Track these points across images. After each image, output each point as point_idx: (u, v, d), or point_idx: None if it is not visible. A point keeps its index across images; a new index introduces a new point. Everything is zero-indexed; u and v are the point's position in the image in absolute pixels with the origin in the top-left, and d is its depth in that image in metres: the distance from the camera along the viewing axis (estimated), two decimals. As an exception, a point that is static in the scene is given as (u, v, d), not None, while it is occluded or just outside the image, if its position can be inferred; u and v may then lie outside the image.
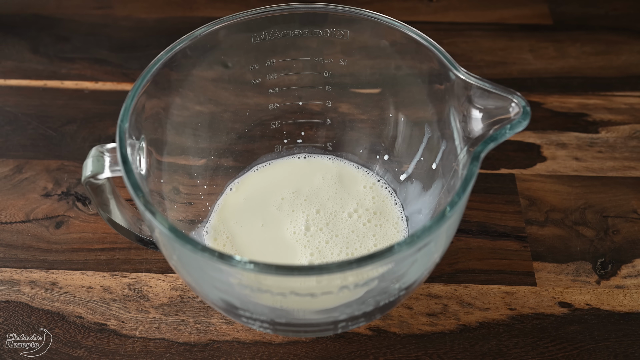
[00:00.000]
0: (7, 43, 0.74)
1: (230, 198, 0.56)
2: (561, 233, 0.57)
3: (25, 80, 0.70)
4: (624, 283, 0.54)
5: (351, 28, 0.51)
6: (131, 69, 0.71)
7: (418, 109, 0.54)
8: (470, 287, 0.54)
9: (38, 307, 0.53)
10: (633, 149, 0.63)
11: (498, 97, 0.43)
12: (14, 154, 0.63)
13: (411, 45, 0.49)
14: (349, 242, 0.53)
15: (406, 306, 0.53)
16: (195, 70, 0.51)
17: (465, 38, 0.75)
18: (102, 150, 0.45)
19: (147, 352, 0.50)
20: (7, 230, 0.58)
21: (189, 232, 0.53)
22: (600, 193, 0.60)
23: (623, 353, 0.50)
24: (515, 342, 0.51)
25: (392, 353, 0.50)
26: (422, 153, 0.54)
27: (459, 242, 0.56)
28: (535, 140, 0.64)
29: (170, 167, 0.52)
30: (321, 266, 0.37)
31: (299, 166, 0.59)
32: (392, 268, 0.41)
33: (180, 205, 0.53)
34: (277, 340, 0.51)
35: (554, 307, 0.53)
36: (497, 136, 0.43)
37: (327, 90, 0.56)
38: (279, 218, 0.54)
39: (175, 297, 0.53)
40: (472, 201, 0.58)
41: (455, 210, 0.40)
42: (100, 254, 0.56)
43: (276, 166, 0.58)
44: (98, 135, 0.65)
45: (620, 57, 0.72)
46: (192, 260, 0.41)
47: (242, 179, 0.57)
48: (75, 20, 0.77)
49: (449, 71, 0.46)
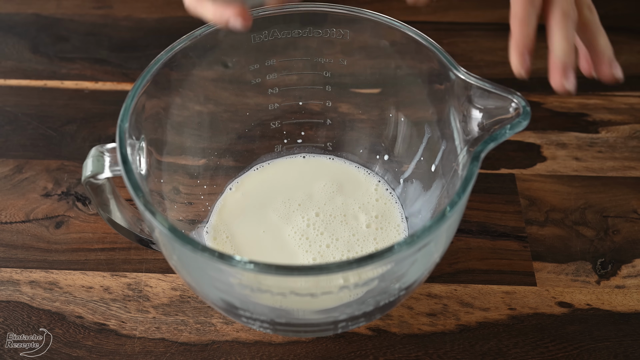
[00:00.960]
0: (7, 43, 0.74)
1: (229, 198, 0.56)
2: (561, 233, 0.57)
3: (25, 80, 0.70)
4: (624, 283, 0.54)
5: (351, 28, 0.51)
6: (131, 69, 0.71)
7: (418, 109, 0.54)
8: (470, 287, 0.54)
9: (38, 307, 0.53)
10: (633, 149, 0.63)
11: (498, 97, 0.43)
12: (14, 154, 0.63)
13: (411, 45, 0.49)
14: (350, 245, 0.52)
15: (406, 306, 0.53)
16: (195, 70, 0.51)
17: (465, 38, 0.75)
18: (102, 150, 0.45)
19: (147, 352, 0.50)
20: (7, 230, 0.58)
21: (189, 232, 0.53)
22: (600, 193, 0.60)
23: (623, 353, 0.50)
24: (515, 342, 0.51)
25: (392, 353, 0.50)
26: (422, 153, 0.54)
27: (459, 242, 0.56)
28: (535, 140, 0.64)
29: (170, 167, 0.52)
30: (321, 266, 0.37)
31: (299, 166, 0.58)
32: (392, 268, 0.41)
33: (180, 205, 0.53)
34: (277, 340, 0.51)
35: (554, 307, 0.53)
36: (497, 136, 0.43)
37: (327, 90, 0.56)
38: (279, 218, 0.54)
39: (175, 297, 0.53)
40: (472, 201, 0.58)
41: (455, 210, 0.40)
42: (100, 254, 0.56)
43: (276, 166, 0.58)
44: (98, 135, 0.65)
45: (620, 57, 0.71)
46: (192, 260, 0.41)
47: (241, 179, 0.57)
48: (75, 20, 0.77)
49: (449, 71, 0.46)
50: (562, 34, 0.39)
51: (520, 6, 0.39)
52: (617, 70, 0.40)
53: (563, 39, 0.38)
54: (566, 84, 0.38)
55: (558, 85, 0.38)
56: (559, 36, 0.38)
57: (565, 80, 0.38)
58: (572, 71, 0.38)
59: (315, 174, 0.57)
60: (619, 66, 0.40)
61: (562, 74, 0.38)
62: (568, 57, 0.38)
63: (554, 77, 0.38)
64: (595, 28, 0.41)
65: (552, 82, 0.38)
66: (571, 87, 0.38)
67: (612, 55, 0.40)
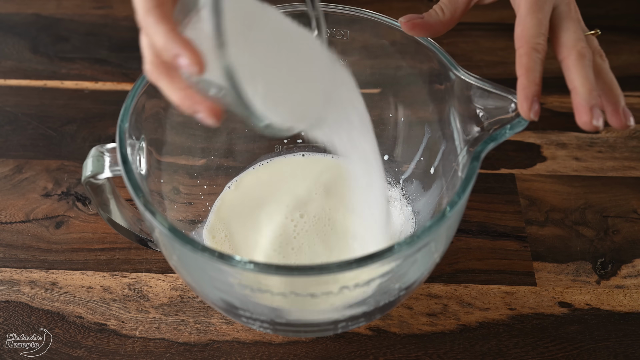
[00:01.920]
0: (7, 43, 0.74)
1: (228, 197, 0.56)
2: (561, 233, 0.57)
3: (25, 80, 0.70)
4: (624, 283, 0.54)
5: (351, 28, 0.51)
6: (131, 69, 0.71)
7: (418, 109, 0.54)
8: (470, 287, 0.54)
9: (38, 307, 0.53)
10: (633, 149, 0.63)
11: (498, 97, 0.43)
12: (14, 154, 0.63)
13: (411, 45, 0.49)
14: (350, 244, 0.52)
15: (406, 306, 0.53)
16: (195, 70, 0.51)
17: (465, 38, 0.75)
18: (102, 150, 0.45)
19: (147, 352, 0.50)
20: (7, 230, 0.58)
21: (189, 232, 0.53)
22: (600, 193, 0.60)
23: (623, 353, 0.50)
24: (515, 342, 0.51)
25: (392, 353, 0.50)
26: (422, 153, 0.54)
27: (459, 242, 0.56)
28: (535, 140, 0.64)
29: (170, 167, 0.52)
30: (321, 266, 0.37)
31: (298, 164, 0.58)
32: (392, 268, 0.41)
33: (180, 205, 0.53)
34: (277, 340, 0.51)
35: (554, 307, 0.53)
36: (497, 136, 0.43)
37: (327, 90, 0.56)
38: (278, 216, 0.54)
39: (175, 297, 0.53)
40: (472, 201, 0.58)
41: (455, 210, 0.40)
42: (100, 254, 0.56)
43: (275, 164, 0.58)
44: (98, 135, 0.65)
45: (620, 57, 0.72)
46: (192, 260, 0.41)
47: (240, 177, 0.57)
48: (75, 20, 0.77)
49: (449, 71, 0.46)
50: (582, 74, 0.39)
51: (525, 54, 0.39)
52: (630, 119, 0.41)
53: (584, 80, 0.39)
54: (595, 122, 0.38)
55: (588, 126, 0.39)
56: (580, 78, 0.39)
57: (595, 120, 0.38)
58: (598, 109, 0.39)
59: (315, 172, 0.57)
60: (630, 114, 0.41)
61: (591, 115, 0.38)
62: (593, 98, 0.39)
63: (582, 118, 0.39)
64: (608, 77, 0.41)
65: (579, 123, 0.39)
66: (600, 125, 0.39)
67: (624, 103, 0.41)
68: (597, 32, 0.42)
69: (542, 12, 0.40)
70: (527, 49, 0.39)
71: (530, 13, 0.40)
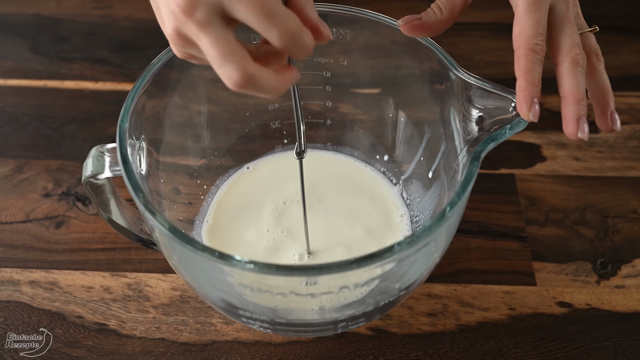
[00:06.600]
0: (7, 43, 0.74)
1: (228, 196, 0.56)
2: (561, 233, 0.57)
3: (25, 80, 0.70)
4: (623, 283, 0.54)
5: (351, 28, 0.51)
6: (131, 69, 0.71)
7: (418, 109, 0.54)
8: (470, 287, 0.54)
9: (38, 307, 0.53)
10: (633, 149, 0.63)
11: (498, 97, 0.43)
12: (14, 154, 0.63)
13: (411, 45, 0.49)
14: (350, 244, 0.52)
15: (406, 306, 0.53)
16: (195, 70, 0.51)
17: (465, 38, 0.75)
18: (102, 150, 0.45)
19: (147, 352, 0.50)
20: (7, 230, 0.58)
21: (189, 232, 0.53)
22: (600, 193, 0.60)
23: (623, 353, 0.50)
24: (515, 342, 0.51)
25: (392, 353, 0.50)
26: (422, 153, 0.54)
27: (459, 242, 0.56)
28: (535, 140, 0.64)
29: (170, 167, 0.52)
30: (321, 266, 0.37)
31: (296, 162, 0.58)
32: (392, 268, 0.41)
33: (180, 205, 0.53)
34: (277, 340, 0.51)
35: (553, 307, 0.53)
36: (497, 136, 0.43)
37: (327, 90, 0.56)
38: (277, 215, 0.54)
39: (175, 297, 0.53)
40: (472, 201, 0.58)
41: (455, 210, 0.40)
42: (100, 254, 0.56)
43: (275, 164, 0.58)
44: (98, 135, 0.65)
45: (620, 57, 0.72)
46: (192, 260, 0.41)
47: (240, 178, 0.57)
48: (75, 20, 0.77)
49: (449, 71, 0.46)
50: (574, 83, 0.39)
51: (523, 55, 0.39)
52: (616, 123, 0.41)
53: (575, 90, 0.39)
54: (580, 134, 0.39)
55: (573, 136, 0.39)
56: (571, 87, 0.39)
57: (580, 132, 0.39)
58: (584, 121, 0.39)
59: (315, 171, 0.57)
60: (618, 118, 0.41)
61: (577, 126, 0.39)
62: (581, 109, 0.39)
63: (569, 129, 0.39)
64: (601, 79, 0.41)
65: (565, 132, 0.40)
66: (585, 137, 0.39)
67: (614, 106, 0.41)
68: (596, 29, 0.42)
69: (539, 12, 0.40)
70: (525, 50, 0.39)
71: (528, 13, 0.40)
